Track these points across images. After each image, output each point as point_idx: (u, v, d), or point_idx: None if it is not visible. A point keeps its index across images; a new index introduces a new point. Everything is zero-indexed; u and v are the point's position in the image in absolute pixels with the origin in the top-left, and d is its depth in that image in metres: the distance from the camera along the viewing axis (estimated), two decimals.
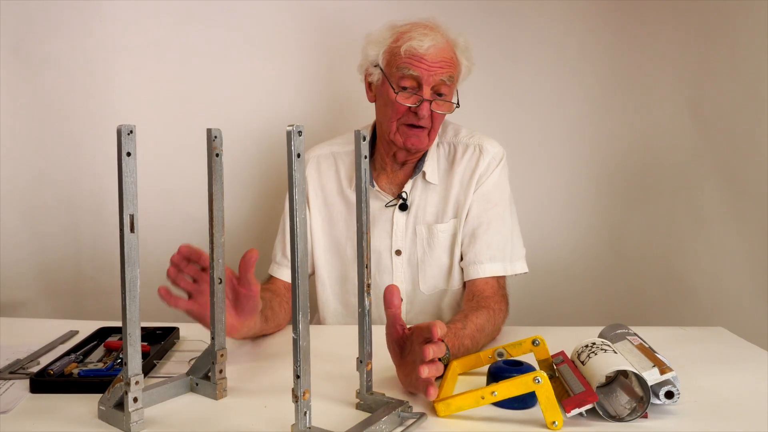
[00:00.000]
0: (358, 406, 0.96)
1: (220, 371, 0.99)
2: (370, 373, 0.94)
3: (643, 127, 2.00)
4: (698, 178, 1.91)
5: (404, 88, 1.36)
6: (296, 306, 0.78)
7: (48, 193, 1.99)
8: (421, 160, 1.46)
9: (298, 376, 0.79)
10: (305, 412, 0.80)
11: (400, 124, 1.39)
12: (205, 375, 1.01)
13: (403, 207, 1.46)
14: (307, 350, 0.80)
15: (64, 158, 1.98)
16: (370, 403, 0.94)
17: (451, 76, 1.36)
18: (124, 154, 0.80)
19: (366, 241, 0.92)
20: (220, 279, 0.99)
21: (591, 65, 2.01)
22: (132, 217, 0.82)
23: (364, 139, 0.89)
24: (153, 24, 1.93)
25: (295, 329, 0.79)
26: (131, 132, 0.81)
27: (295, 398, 0.80)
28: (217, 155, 0.95)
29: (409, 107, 1.36)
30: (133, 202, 0.82)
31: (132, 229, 0.82)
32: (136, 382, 0.86)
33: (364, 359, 0.94)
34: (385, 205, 1.47)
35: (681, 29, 1.90)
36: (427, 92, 1.35)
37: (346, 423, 0.87)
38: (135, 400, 0.86)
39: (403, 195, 1.45)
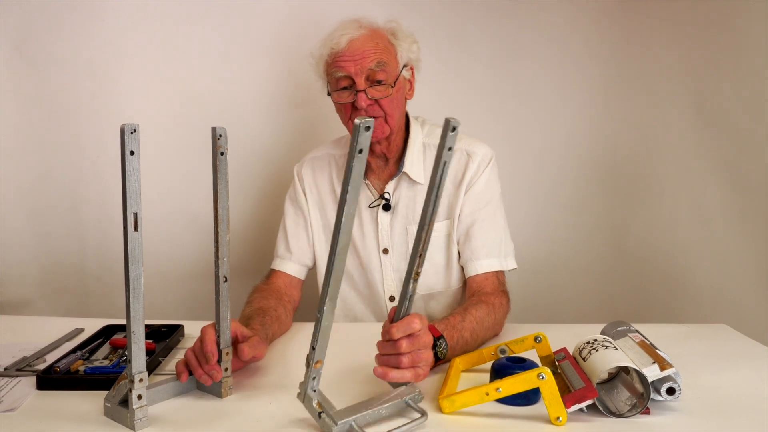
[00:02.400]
0: None
1: (225, 369, 1.00)
2: None
3: (646, 125, 2.01)
4: (701, 175, 1.90)
5: (344, 89, 1.41)
6: (326, 291, 0.82)
7: (52, 192, 2.00)
8: (402, 159, 1.49)
9: (313, 348, 0.84)
10: (314, 378, 0.85)
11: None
12: None
13: (387, 207, 1.49)
14: (327, 329, 0.84)
15: (68, 157, 1.98)
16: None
17: (380, 61, 1.38)
18: (127, 152, 0.81)
19: (426, 232, 0.92)
20: (225, 278, 0.99)
21: (595, 63, 2.01)
22: (135, 215, 0.82)
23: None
24: (156, 24, 1.94)
25: (320, 310, 0.83)
26: (134, 131, 0.81)
27: (308, 364, 0.84)
28: (221, 153, 0.96)
29: (351, 103, 1.40)
30: (136, 200, 0.82)
31: (135, 228, 0.83)
32: (140, 380, 0.87)
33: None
34: (369, 206, 1.50)
35: (685, 27, 1.90)
36: (360, 84, 1.38)
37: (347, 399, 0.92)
38: (139, 397, 0.87)
39: (386, 195, 1.48)
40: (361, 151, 0.75)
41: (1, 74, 1.92)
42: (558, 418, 0.87)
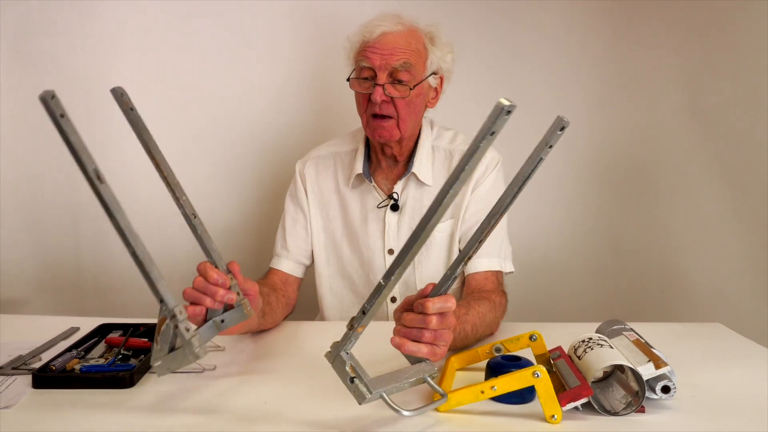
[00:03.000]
0: None
1: (238, 293, 1.01)
2: None
3: (642, 124, 2.01)
4: (697, 174, 1.91)
5: (365, 79, 1.40)
6: (403, 258, 0.82)
7: (48, 191, 1.99)
8: (411, 160, 1.48)
9: (363, 312, 0.83)
10: (352, 341, 0.85)
11: (368, 117, 1.41)
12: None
13: (395, 207, 1.49)
14: (385, 297, 0.84)
15: (65, 157, 1.95)
16: None
17: (406, 62, 1.37)
18: (57, 116, 0.78)
19: (497, 220, 0.93)
20: (194, 215, 1.00)
21: (591, 63, 2.01)
22: (95, 170, 0.80)
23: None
24: (153, 23, 1.94)
25: (387, 277, 0.83)
26: (54, 96, 0.78)
27: (351, 327, 0.84)
28: (131, 109, 0.94)
29: (368, 95, 1.39)
30: (89, 157, 0.80)
31: (101, 180, 0.80)
32: (180, 312, 0.85)
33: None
34: (378, 206, 1.50)
35: (681, 27, 1.90)
36: (381, 78, 1.37)
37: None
38: (187, 329, 0.86)
39: (394, 195, 1.48)
40: (493, 133, 0.71)
41: None
42: (553, 416, 0.88)
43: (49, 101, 0.78)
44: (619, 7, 1.97)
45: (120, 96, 0.92)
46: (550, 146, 0.83)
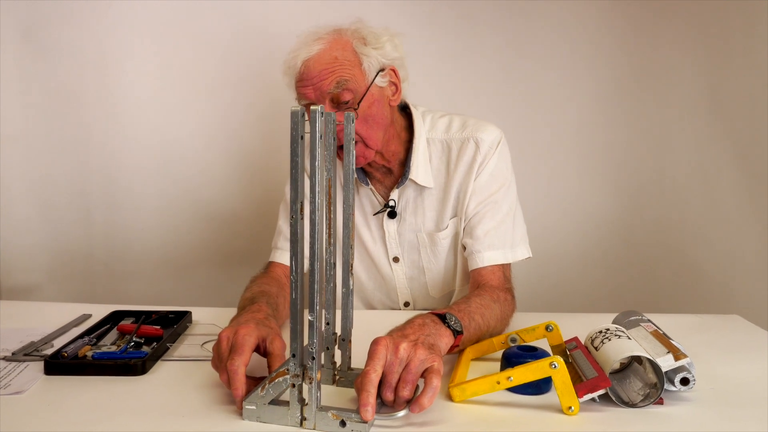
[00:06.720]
0: (338, 383, 0.97)
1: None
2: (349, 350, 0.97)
3: (656, 115, 1.99)
4: (713, 167, 1.89)
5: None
6: (313, 293, 0.80)
7: (60, 178, 2.00)
8: (406, 165, 1.36)
9: (313, 358, 0.80)
10: (318, 394, 0.82)
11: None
12: None
13: (392, 215, 1.39)
14: (320, 329, 0.82)
15: (76, 143, 1.98)
16: (352, 380, 0.95)
17: (339, 81, 1.23)
18: (298, 136, 0.78)
19: (353, 222, 0.93)
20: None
21: (604, 58, 1.99)
22: (303, 202, 0.80)
23: None
24: (164, 10, 1.93)
25: (312, 311, 0.80)
26: (303, 115, 0.78)
27: (310, 380, 0.81)
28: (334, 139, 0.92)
29: None
30: (303, 186, 0.80)
31: (302, 215, 0.80)
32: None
33: (346, 337, 0.96)
34: (373, 214, 1.41)
35: (696, 22, 1.88)
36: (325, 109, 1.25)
37: (331, 400, 0.91)
38: (300, 391, 0.85)
39: (390, 203, 1.38)
40: None
41: (8, 61, 1.91)
42: (570, 407, 0.86)
43: (298, 118, 0.79)
44: (632, 2, 1.94)
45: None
46: None
